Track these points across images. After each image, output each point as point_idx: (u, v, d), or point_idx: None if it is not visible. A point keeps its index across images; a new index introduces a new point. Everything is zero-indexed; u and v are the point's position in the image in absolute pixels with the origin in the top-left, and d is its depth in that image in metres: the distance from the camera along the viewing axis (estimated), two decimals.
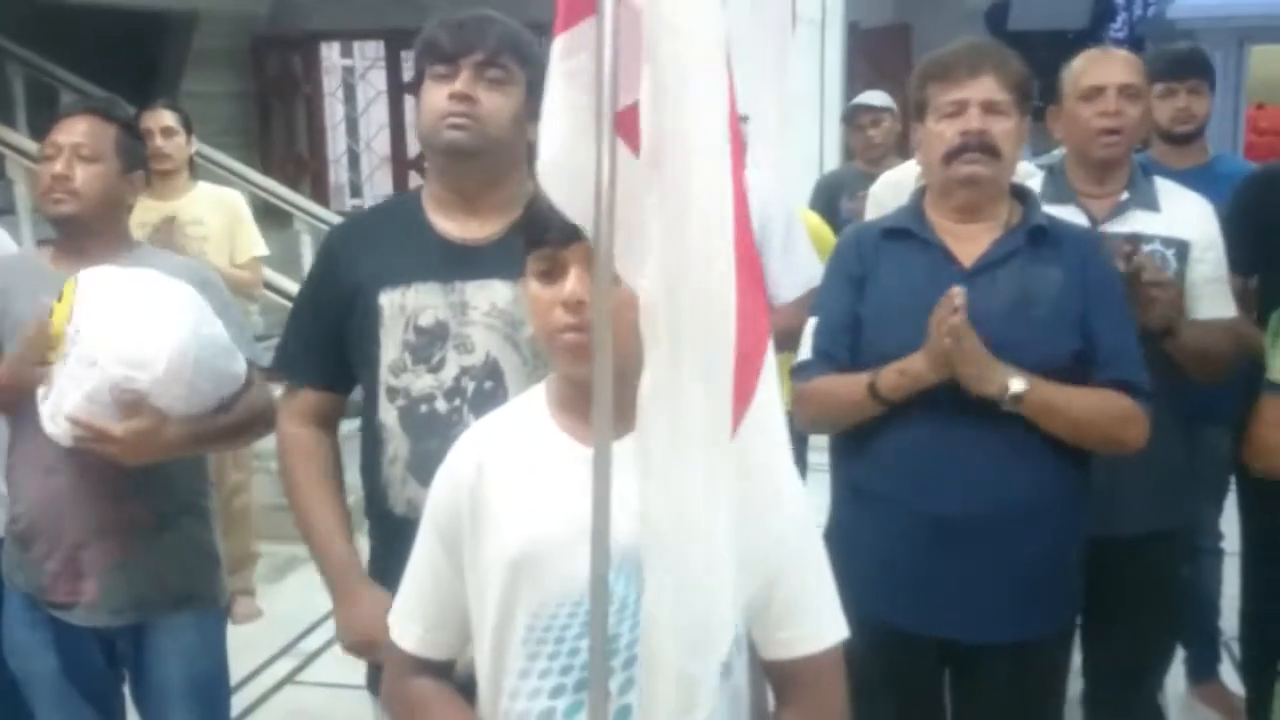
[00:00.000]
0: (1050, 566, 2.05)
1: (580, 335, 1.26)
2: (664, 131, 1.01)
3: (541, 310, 1.31)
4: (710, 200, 1.02)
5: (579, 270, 1.27)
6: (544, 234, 1.29)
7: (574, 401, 1.35)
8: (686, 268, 1.02)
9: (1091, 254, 2.07)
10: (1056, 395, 1.93)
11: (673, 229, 1.02)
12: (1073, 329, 1.98)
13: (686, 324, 1.03)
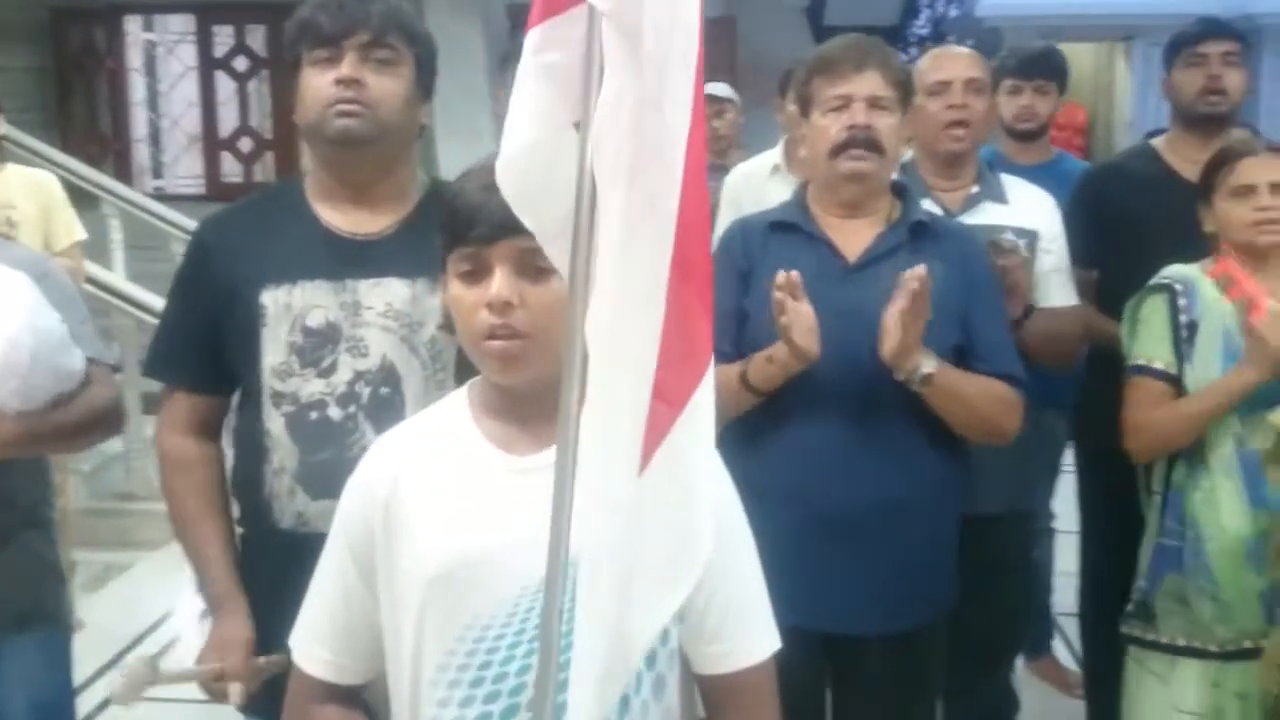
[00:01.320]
0: (930, 557, 2.10)
1: (510, 341, 1.21)
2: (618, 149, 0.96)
3: (465, 313, 1.24)
4: (655, 226, 0.96)
5: (505, 270, 1.21)
6: (469, 231, 1.22)
7: (502, 409, 1.28)
8: (624, 295, 0.97)
9: (969, 249, 2.13)
10: (958, 380, 1.98)
11: (621, 249, 0.97)
12: (954, 323, 2.02)
13: (620, 349, 0.98)
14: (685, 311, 0.99)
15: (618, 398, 0.99)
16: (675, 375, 0.99)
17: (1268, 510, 2.16)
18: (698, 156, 0.97)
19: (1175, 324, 2.24)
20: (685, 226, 0.97)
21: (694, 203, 0.97)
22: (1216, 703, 2.23)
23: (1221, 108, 2.76)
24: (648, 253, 0.96)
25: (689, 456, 1.02)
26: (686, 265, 0.98)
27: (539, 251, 1.19)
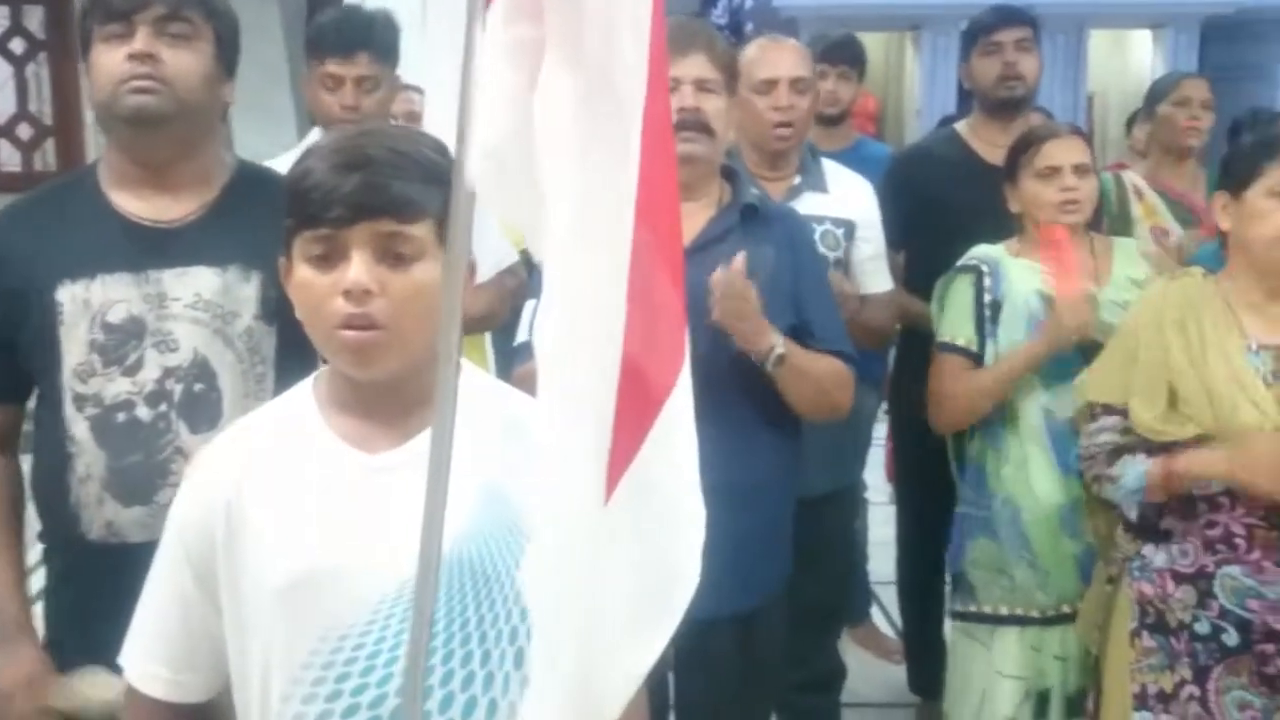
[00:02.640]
0: (769, 538, 2.12)
1: (367, 332, 1.13)
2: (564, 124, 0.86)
3: (316, 300, 1.15)
4: (611, 209, 0.87)
5: (364, 255, 1.13)
6: (323, 212, 1.13)
7: (354, 403, 1.21)
8: (579, 289, 0.88)
9: (798, 233, 2.16)
10: (805, 359, 2.00)
11: (573, 238, 0.88)
12: (788, 305, 2.05)
13: (574, 356, 0.89)
14: (653, 303, 0.89)
15: (574, 413, 0.87)
16: (644, 381, 0.89)
17: (1076, 477, 2.27)
18: (660, 129, 0.88)
19: (980, 303, 2.34)
20: (648, 207, 0.87)
21: (657, 180, 0.88)
22: (1037, 665, 2.35)
23: (1018, 92, 2.89)
24: (604, 240, 0.86)
25: (663, 478, 0.92)
26: (651, 251, 0.88)
27: (401, 236, 1.13)
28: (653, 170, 0.87)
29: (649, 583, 0.92)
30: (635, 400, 0.89)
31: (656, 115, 0.87)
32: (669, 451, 0.93)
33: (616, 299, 0.87)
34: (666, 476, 0.93)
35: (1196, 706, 1.94)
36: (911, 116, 10.66)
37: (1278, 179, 1.85)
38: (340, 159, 1.13)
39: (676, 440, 0.93)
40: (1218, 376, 1.89)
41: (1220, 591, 1.92)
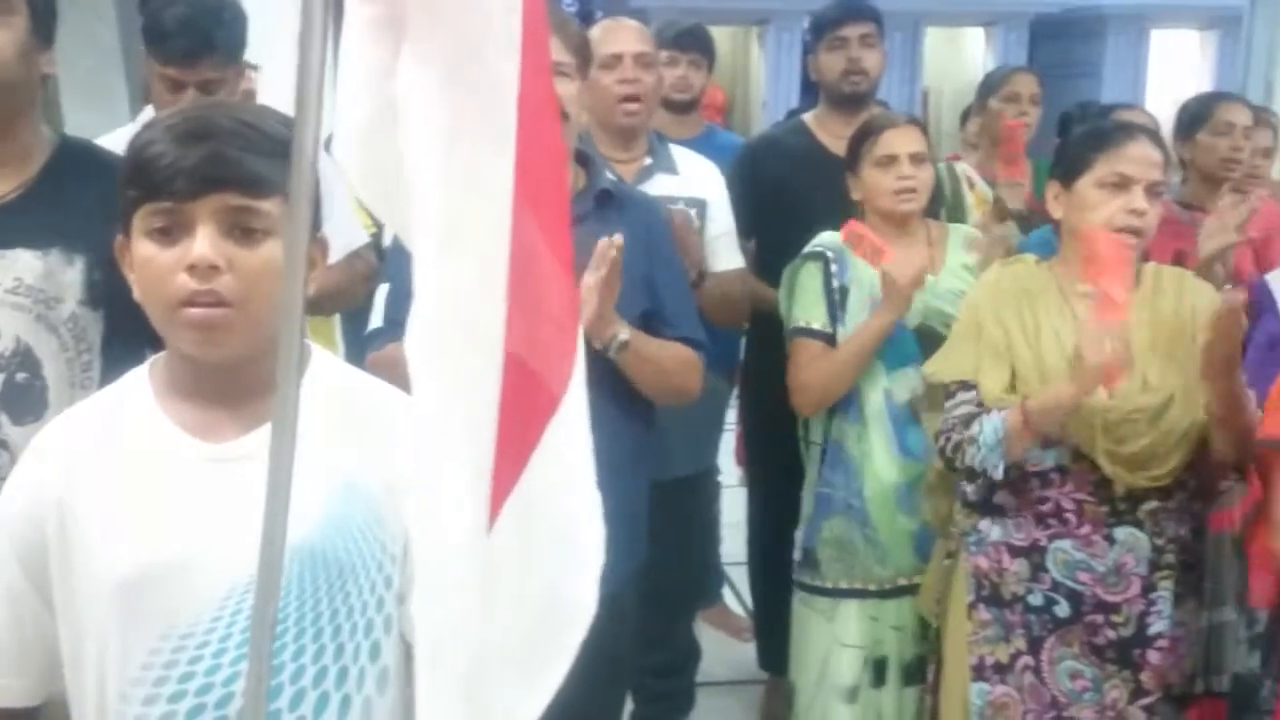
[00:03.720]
0: (624, 524, 2.11)
1: (213, 309, 1.08)
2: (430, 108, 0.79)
3: (157, 276, 1.10)
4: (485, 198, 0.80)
5: (209, 230, 1.08)
6: (167, 185, 1.08)
7: (195, 389, 1.16)
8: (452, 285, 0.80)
9: (652, 218, 2.17)
10: (651, 345, 2.01)
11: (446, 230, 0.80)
12: (642, 290, 2.06)
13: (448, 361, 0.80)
14: (539, 300, 0.82)
15: (450, 424, 0.78)
16: (530, 387, 0.81)
17: (914, 458, 2.37)
18: (542, 110, 0.82)
19: (829, 288, 2.40)
20: (529, 197, 0.80)
21: (539, 168, 0.81)
22: (875, 635, 2.42)
23: (862, 87, 2.96)
24: (480, 232, 0.80)
25: (555, 499, 0.83)
26: (536, 245, 0.81)
27: (249, 210, 1.09)
28: (534, 158, 0.82)
29: (539, 618, 0.85)
30: (521, 408, 0.82)
31: (536, 99, 0.81)
32: (561, 468, 0.85)
33: (495, 296, 0.80)
34: (558, 497, 0.85)
35: (1031, 676, 2.03)
36: (758, 109, 10.86)
37: (1106, 171, 1.93)
38: (185, 129, 1.09)
39: (570, 454, 0.85)
40: (1051, 356, 1.98)
41: (1052, 565, 2.01)
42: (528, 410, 0.81)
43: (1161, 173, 1.94)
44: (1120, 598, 1.98)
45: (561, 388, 0.83)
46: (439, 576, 0.80)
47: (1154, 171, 1.92)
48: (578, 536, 0.86)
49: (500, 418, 0.79)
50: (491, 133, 0.79)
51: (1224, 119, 2.89)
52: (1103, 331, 1.78)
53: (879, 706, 2.43)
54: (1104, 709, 2.00)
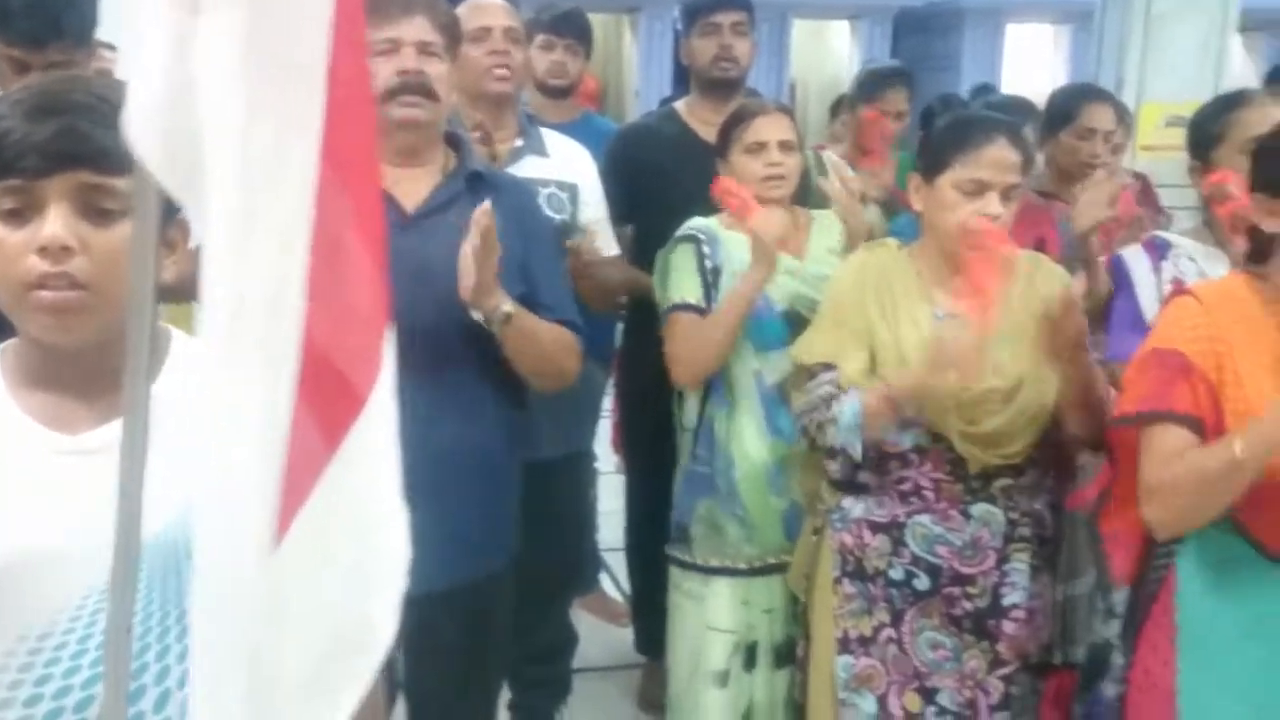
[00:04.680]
0: (494, 506, 2.13)
1: (66, 292, 1.04)
2: (227, 81, 0.73)
3: (5, 259, 1.05)
4: (288, 180, 0.74)
5: (62, 209, 1.04)
6: (16, 161, 1.03)
7: (47, 377, 1.11)
8: (249, 274, 0.74)
9: (526, 201, 2.16)
10: (533, 322, 2.00)
11: (241, 216, 0.74)
12: (517, 274, 2.05)
13: (239, 354, 0.74)
14: (346, 290, 0.77)
15: (239, 426, 0.73)
16: (332, 386, 0.75)
17: (784, 439, 2.41)
18: (354, 91, 0.77)
19: (703, 268, 2.42)
20: (337, 183, 0.75)
21: (350, 151, 0.76)
22: (746, 619, 2.46)
23: (732, 73, 2.99)
24: (278, 218, 0.74)
25: (353, 511, 0.77)
26: (342, 231, 0.75)
27: (104, 189, 1.04)
28: (344, 143, 0.76)
29: (332, 641, 0.78)
30: (321, 408, 0.75)
31: (348, 78, 0.76)
32: (362, 477, 0.78)
33: (294, 287, 0.74)
34: (358, 509, 0.78)
35: (894, 648, 2.10)
36: (630, 97, 10.88)
37: (963, 175, 1.97)
38: (35, 104, 1.04)
39: (373, 462, 0.78)
40: (909, 341, 2.04)
41: (912, 539, 2.07)
42: (328, 411, 0.76)
43: (1019, 174, 1.98)
44: (976, 570, 2.05)
45: (368, 388, 0.77)
46: (220, 591, 0.74)
47: (1010, 175, 1.96)
48: (377, 553, 0.79)
49: (295, 417, 0.73)
50: (294, 113, 0.74)
51: (1088, 125, 2.96)
52: (963, 320, 1.83)
53: (750, 690, 2.47)
54: (964, 678, 2.07)
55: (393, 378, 0.78)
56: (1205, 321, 1.67)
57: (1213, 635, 1.68)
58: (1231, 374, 1.63)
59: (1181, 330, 1.68)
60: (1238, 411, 1.61)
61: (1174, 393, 1.65)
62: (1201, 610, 1.70)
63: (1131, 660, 1.79)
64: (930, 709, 2.08)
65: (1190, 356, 1.65)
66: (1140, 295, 2.13)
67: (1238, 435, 1.55)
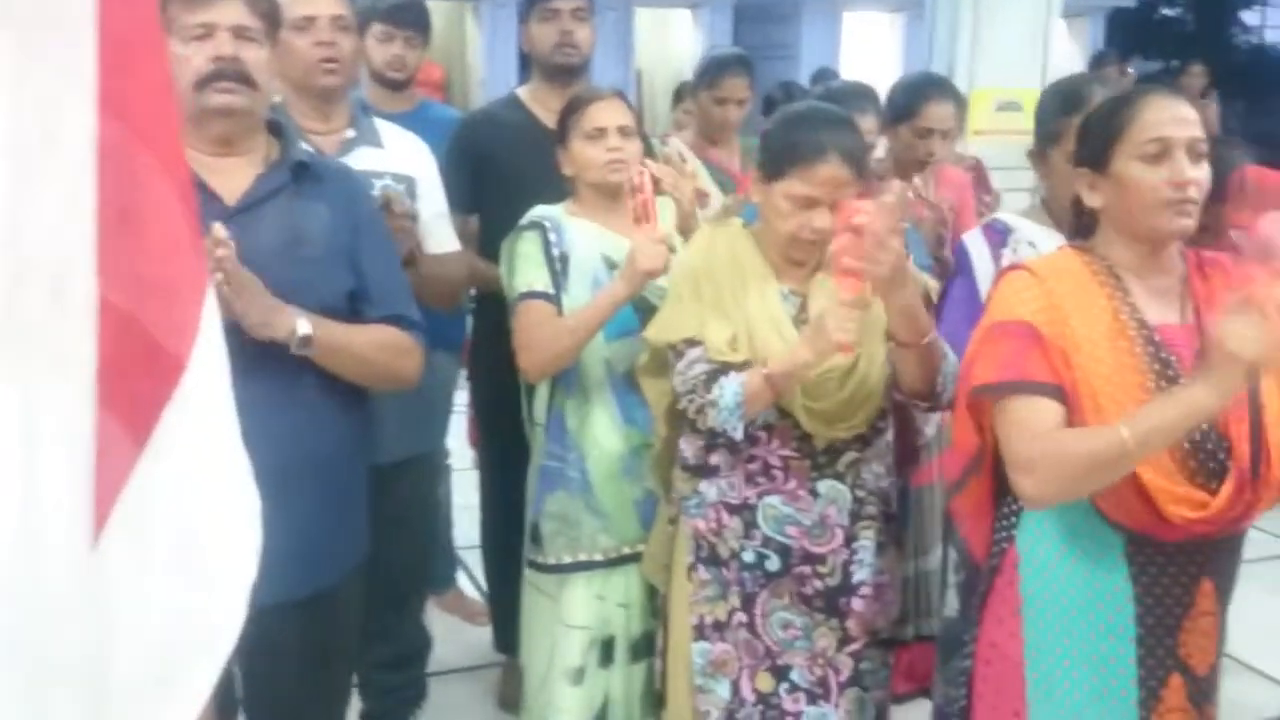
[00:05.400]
0: (340, 512, 2.04)
1: None
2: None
3: None
4: (61, 154, 0.68)
5: None
6: None
7: None
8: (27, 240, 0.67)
9: (355, 190, 2.07)
10: (342, 334, 1.91)
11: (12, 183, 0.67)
12: (345, 268, 1.96)
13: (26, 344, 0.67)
14: (148, 248, 0.70)
15: (30, 402, 0.65)
16: (139, 345, 0.68)
17: (637, 428, 2.38)
18: (134, 30, 0.71)
19: (550, 256, 2.37)
20: (129, 134, 0.69)
21: (143, 95, 0.70)
22: (602, 614, 2.43)
23: (574, 59, 2.94)
24: (54, 176, 0.67)
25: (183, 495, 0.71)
26: (138, 190, 0.69)
27: None
28: (130, 92, 0.70)
29: (171, 636, 0.73)
30: (130, 368, 0.69)
31: (124, 26, 0.70)
32: (191, 456, 0.72)
33: (81, 265, 0.68)
34: (189, 493, 0.72)
35: (745, 632, 2.09)
36: (476, 86, 10.74)
37: (795, 189, 1.97)
38: None
39: (203, 439, 0.72)
40: (757, 317, 2.03)
41: (763, 520, 2.07)
42: (140, 373, 0.69)
43: (850, 188, 1.98)
44: (825, 549, 2.07)
45: (185, 346, 0.71)
46: (36, 593, 0.67)
47: (840, 192, 1.97)
48: (213, 549, 0.74)
49: (101, 380, 0.67)
50: (64, 62, 0.68)
51: (925, 125, 3.00)
52: (845, 304, 1.83)
53: (606, 686, 2.44)
54: (815, 656, 2.08)
55: (219, 351, 0.73)
56: (1041, 292, 1.70)
57: (1057, 605, 1.71)
58: (1070, 343, 1.66)
59: (1021, 301, 1.70)
60: (1076, 381, 1.64)
61: (1029, 362, 1.66)
62: (1045, 581, 1.73)
63: (977, 634, 1.82)
64: (783, 687, 2.09)
65: (1037, 325, 1.67)
66: (979, 279, 2.16)
67: (1126, 423, 1.56)
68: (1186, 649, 1.69)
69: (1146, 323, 1.68)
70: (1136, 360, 1.65)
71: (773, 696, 2.09)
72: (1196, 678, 1.71)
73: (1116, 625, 1.68)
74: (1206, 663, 1.71)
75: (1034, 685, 1.72)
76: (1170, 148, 1.65)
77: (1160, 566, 1.67)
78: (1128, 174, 1.68)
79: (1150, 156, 1.66)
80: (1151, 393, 1.62)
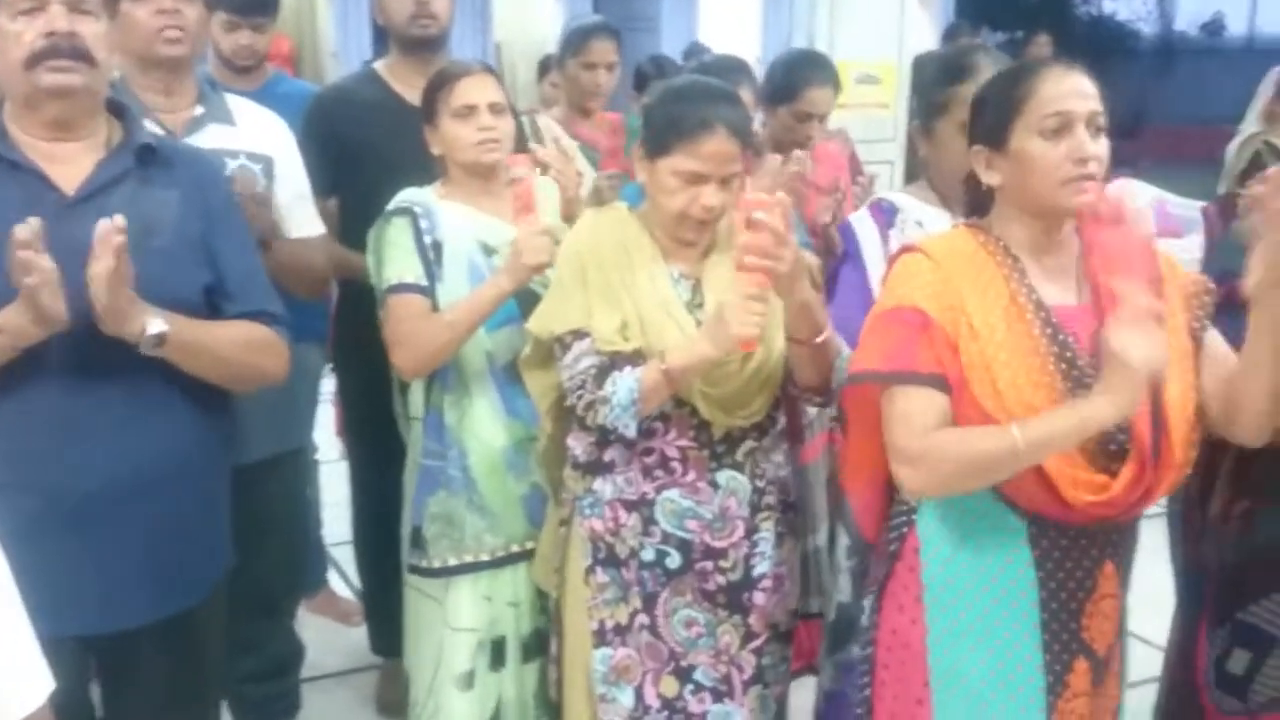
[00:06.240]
0: (201, 524, 1.92)
1: None
2: None
3: None
4: None
5: None
6: None
7: None
8: None
9: (208, 175, 1.92)
10: (200, 333, 1.77)
11: None
12: (200, 260, 1.82)
13: None
14: None
15: None
16: None
17: (520, 421, 2.28)
18: None
19: (421, 244, 2.26)
20: None
21: None
22: (491, 615, 2.33)
23: (432, 30, 2.79)
24: None
25: None
26: None
27: None
28: None
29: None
30: None
31: None
32: None
33: None
34: None
35: (648, 635, 2.02)
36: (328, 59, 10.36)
37: (682, 165, 1.90)
38: None
39: None
40: (648, 302, 1.95)
41: (661, 516, 1.99)
42: None
43: (737, 163, 1.93)
44: (726, 542, 2.00)
45: None
46: None
47: (728, 166, 1.91)
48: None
49: None
50: None
51: (805, 109, 2.98)
52: (749, 298, 1.77)
53: (499, 688, 2.35)
54: (719, 653, 2.03)
55: None
56: (937, 276, 1.66)
57: (959, 591, 1.69)
58: (966, 326, 1.62)
59: (916, 286, 1.67)
60: (974, 364, 1.61)
61: (916, 351, 1.63)
62: (947, 568, 1.70)
63: (877, 620, 1.78)
64: (687, 689, 2.02)
65: (929, 312, 1.63)
66: (867, 261, 2.12)
67: (1018, 425, 1.54)
68: (1090, 632, 1.69)
69: (1044, 304, 1.66)
70: (1035, 342, 1.63)
71: (678, 700, 2.02)
72: (1097, 659, 1.71)
73: (1021, 610, 1.67)
74: (1106, 644, 1.72)
75: (938, 672, 1.70)
76: (1071, 122, 1.62)
77: (1064, 550, 1.65)
78: (1027, 150, 1.64)
79: (1050, 132, 1.62)
80: (1051, 374, 1.60)
